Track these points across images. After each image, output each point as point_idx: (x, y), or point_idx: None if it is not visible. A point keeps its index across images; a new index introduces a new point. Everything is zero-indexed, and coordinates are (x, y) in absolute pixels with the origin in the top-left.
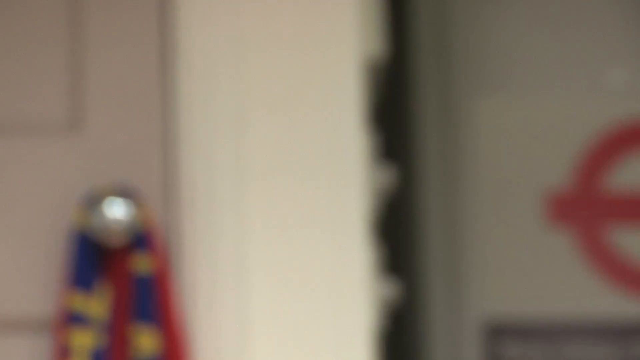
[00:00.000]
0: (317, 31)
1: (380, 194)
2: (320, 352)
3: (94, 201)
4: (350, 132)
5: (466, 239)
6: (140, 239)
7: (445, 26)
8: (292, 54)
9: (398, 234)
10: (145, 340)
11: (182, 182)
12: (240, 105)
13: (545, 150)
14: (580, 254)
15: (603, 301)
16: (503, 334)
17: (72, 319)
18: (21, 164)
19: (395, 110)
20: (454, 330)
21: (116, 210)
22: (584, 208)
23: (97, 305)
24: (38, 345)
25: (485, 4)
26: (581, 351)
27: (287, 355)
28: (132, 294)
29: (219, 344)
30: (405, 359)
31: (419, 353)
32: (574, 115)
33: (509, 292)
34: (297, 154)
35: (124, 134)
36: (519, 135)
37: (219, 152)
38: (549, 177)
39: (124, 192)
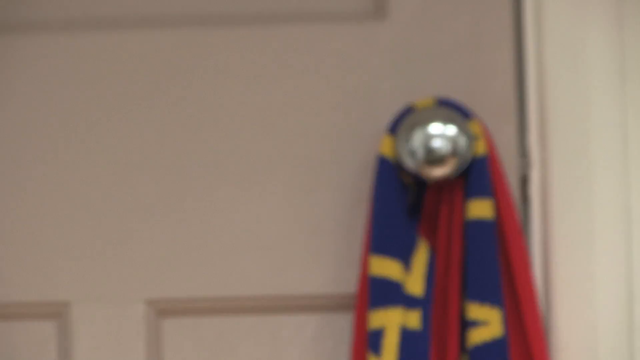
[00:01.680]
0: None
1: None
2: None
3: (410, 122)
4: None
5: None
6: (474, 172)
7: None
8: None
9: None
10: (483, 317)
11: (545, 99)
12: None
13: None
14: None
15: None
16: None
17: (380, 291)
18: (315, 54)
19: None
20: None
21: (439, 134)
22: None
23: (416, 271)
24: (333, 326)
25: None
26: None
27: None
28: (463, 252)
29: (592, 320)
30: None
31: None
32: None
33: None
34: None
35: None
36: None
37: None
38: None
39: (448, 110)
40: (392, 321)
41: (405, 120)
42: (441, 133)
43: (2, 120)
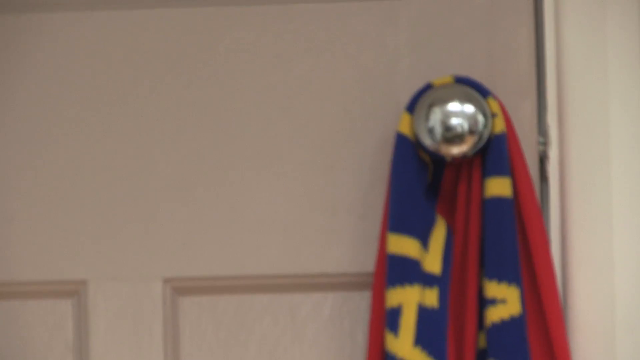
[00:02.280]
0: None
1: None
2: None
3: (429, 101)
4: None
5: None
6: (492, 150)
7: None
8: None
9: None
10: (500, 294)
11: (563, 77)
12: None
13: None
14: None
15: None
16: None
17: (398, 269)
18: (334, 33)
19: None
20: None
21: (458, 112)
22: None
23: (434, 249)
24: (351, 304)
25: None
26: None
27: None
28: (481, 230)
29: (610, 299)
30: None
31: None
32: None
33: None
34: None
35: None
36: None
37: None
38: None
39: (467, 88)
40: (410, 299)
41: (423, 99)
42: (459, 111)
43: (20, 100)
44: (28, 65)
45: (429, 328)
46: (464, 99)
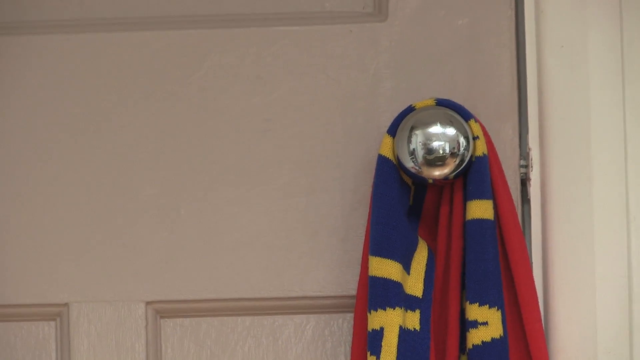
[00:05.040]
0: None
1: None
2: None
3: (410, 123)
4: None
5: None
6: (474, 172)
7: None
8: None
9: None
10: (482, 317)
11: (544, 100)
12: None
13: None
14: None
15: None
16: None
17: (380, 292)
18: (316, 55)
19: None
20: None
21: (439, 135)
22: None
23: (415, 271)
24: (333, 326)
25: None
26: None
27: None
28: (463, 253)
29: (591, 321)
30: None
31: None
32: None
33: None
34: None
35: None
36: None
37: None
38: None
39: (448, 111)
40: (392, 322)
41: (405, 121)
42: (441, 133)
43: (3, 121)
44: (12, 88)
45: (411, 350)
46: (445, 122)
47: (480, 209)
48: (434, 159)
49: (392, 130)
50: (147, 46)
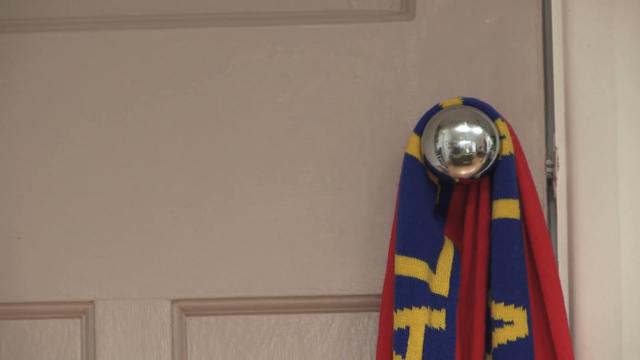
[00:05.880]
0: None
1: None
2: None
3: (437, 122)
4: None
5: None
6: (500, 172)
7: None
8: None
9: None
10: (507, 317)
11: (571, 99)
12: None
13: None
14: None
15: None
16: None
17: (406, 291)
18: (343, 53)
19: None
20: None
21: (466, 134)
22: None
23: (441, 270)
24: (359, 325)
25: None
26: None
27: None
28: (489, 252)
29: (617, 320)
30: None
31: None
32: None
33: None
34: None
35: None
36: None
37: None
38: None
39: (475, 110)
40: (418, 321)
41: (432, 120)
42: (468, 133)
43: (24, 120)
44: (26, 86)
45: (436, 349)
46: (472, 121)
47: (506, 208)
48: (460, 158)
49: (419, 129)
50: (175, 43)
